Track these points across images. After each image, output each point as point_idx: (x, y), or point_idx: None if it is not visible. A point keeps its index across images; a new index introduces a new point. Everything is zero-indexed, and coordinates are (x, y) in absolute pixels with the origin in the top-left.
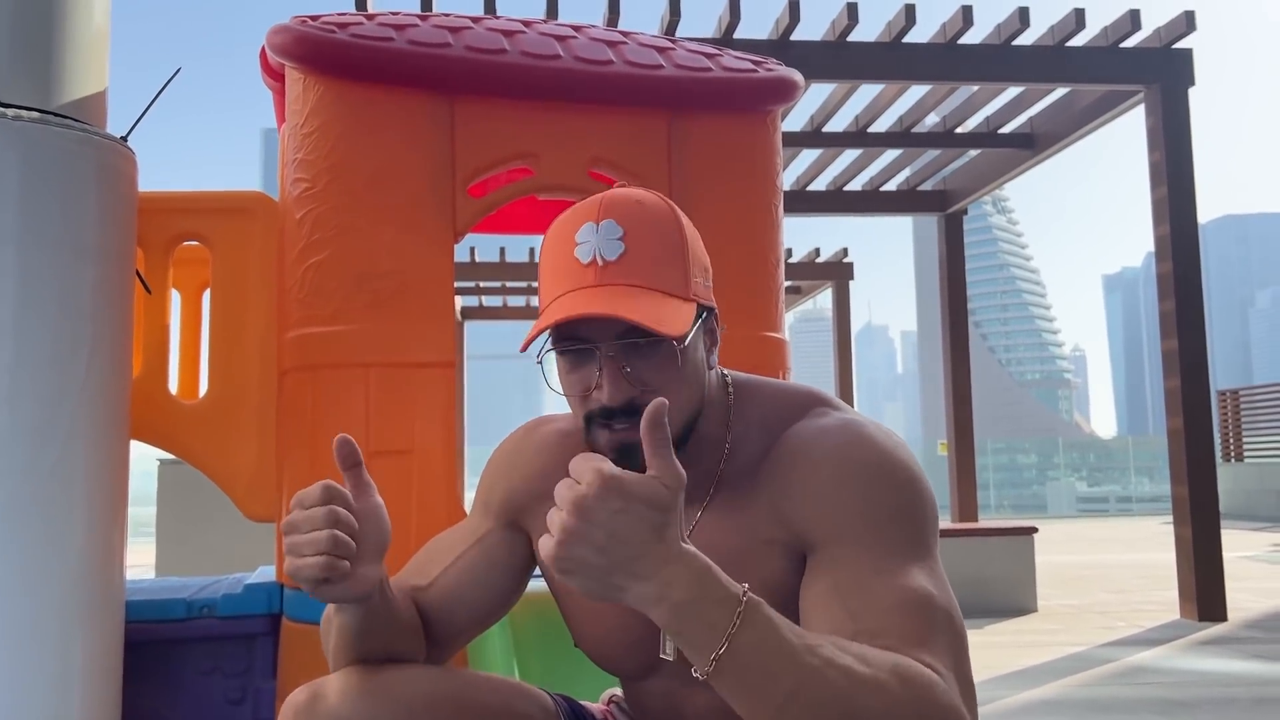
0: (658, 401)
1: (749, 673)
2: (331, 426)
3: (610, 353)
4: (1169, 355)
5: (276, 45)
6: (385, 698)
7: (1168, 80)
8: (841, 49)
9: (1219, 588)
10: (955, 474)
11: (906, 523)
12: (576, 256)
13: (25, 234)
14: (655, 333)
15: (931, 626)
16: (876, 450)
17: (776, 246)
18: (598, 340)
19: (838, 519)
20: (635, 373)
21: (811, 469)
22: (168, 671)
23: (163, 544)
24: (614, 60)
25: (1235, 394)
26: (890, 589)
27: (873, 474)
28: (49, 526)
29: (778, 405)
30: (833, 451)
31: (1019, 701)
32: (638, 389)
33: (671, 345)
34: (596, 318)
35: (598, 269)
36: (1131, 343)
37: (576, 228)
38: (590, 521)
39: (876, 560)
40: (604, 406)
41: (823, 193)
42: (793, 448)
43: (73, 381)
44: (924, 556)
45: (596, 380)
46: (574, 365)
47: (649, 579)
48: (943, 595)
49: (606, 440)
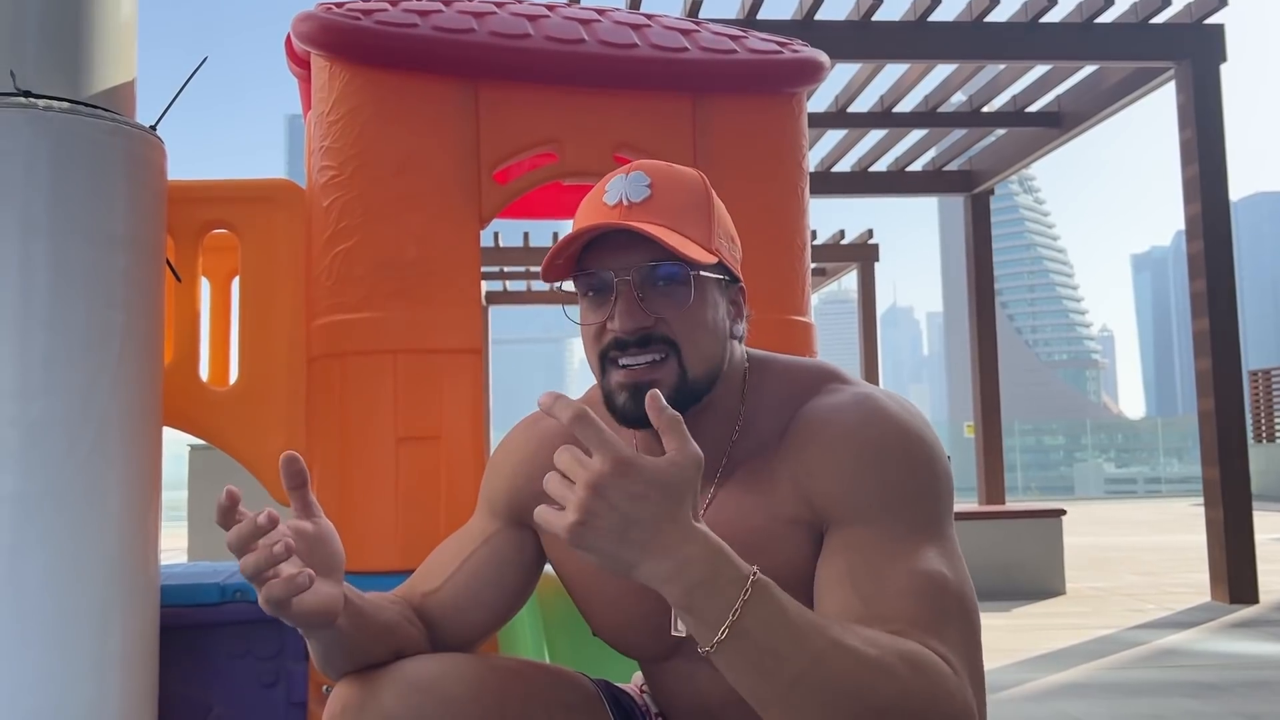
0: (652, 392)
1: (755, 652)
2: (359, 412)
3: (626, 278)
4: (1200, 335)
5: (302, 32)
6: (435, 694)
7: (1199, 56)
8: (866, 28)
9: (1250, 570)
10: (982, 456)
11: (924, 502)
12: (604, 200)
13: (56, 224)
14: (674, 253)
15: (944, 613)
16: (895, 426)
17: (802, 230)
18: (615, 271)
19: (856, 498)
20: (650, 303)
21: (830, 446)
22: (201, 656)
23: (194, 528)
24: (638, 44)
25: (1267, 374)
26: (904, 573)
27: (891, 452)
28: (85, 514)
29: (791, 381)
30: (852, 429)
31: (1047, 684)
32: (651, 319)
33: (688, 284)
34: (615, 236)
35: (623, 208)
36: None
37: (605, 183)
38: (608, 502)
39: (892, 542)
40: (616, 337)
41: (848, 174)
42: (811, 425)
43: (105, 370)
44: (939, 537)
45: (610, 311)
46: (593, 303)
47: (663, 558)
48: (956, 578)
49: (620, 379)
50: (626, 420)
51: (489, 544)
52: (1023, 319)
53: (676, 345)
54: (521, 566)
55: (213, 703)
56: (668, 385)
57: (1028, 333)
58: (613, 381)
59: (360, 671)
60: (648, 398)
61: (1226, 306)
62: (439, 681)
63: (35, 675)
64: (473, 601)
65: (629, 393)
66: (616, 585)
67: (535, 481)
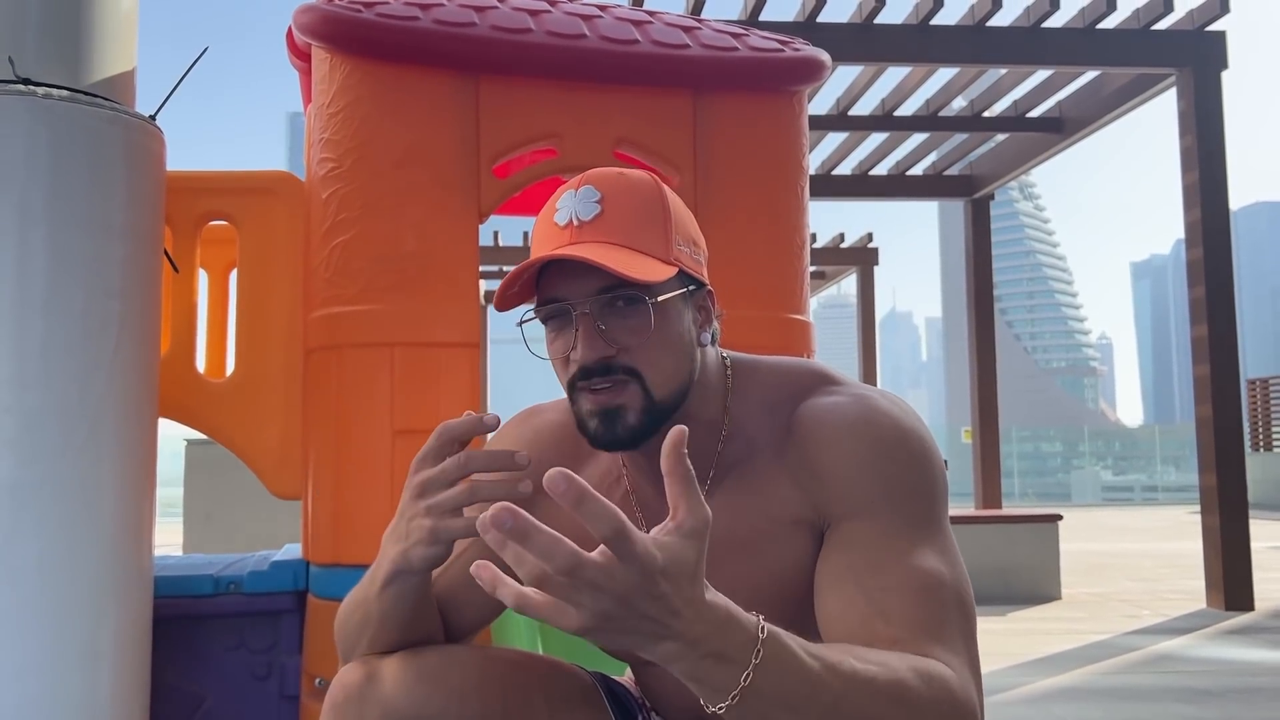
0: (678, 429)
1: (770, 708)
2: (356, 405)
3: (584, 309)
4: (1198, 342)
5: (303, 25)
6: (438, 684)
7: (1200, 63)
8: (868, 31)
9: (1246, 577)
10: (980, 461)
11: (923, 499)
12: (555, 220)
13: (54, 212)
14: (622, 277)
15: (944, 612)
16: (894, 425)
17: (802, 228)
18: (571, 299)
19: (856, 494)
20: (610, 331)
21: (830, 444)
22: (194, 647)
23: (189, 523)
24: (640, 40)
25: (1265, 383)
26: (905, 569)
27: (891, 449)
28: (79, 503)
29: (780, 384)
30: (852, 427)
31: (1043, 688)
32: (613, 348)
33: (647, 305)
34: (569, 266)
35: (573, 229)
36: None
37: (557, 200)
38: (630, 609)
39: (893, 538)
40: (581, 366)
41: (848, 177)
42: (810, 424)
43: (101, 360)
44: (938, 532)
45: (574, 341)
46: (555, 332)
47: (673, 641)
48: (954, 574)
49: (588, 406)
50: (599, 445)
51: (480, 541)
52: (1021, 325)
53: (638, 372)
54: None
55: (205, 694)
56: (634, 410)
57: (1026, 339)
58: (583, 408)
59: (363, 659)
60: (667, 443)
61: (1225, 313)
62: (441, 671)
63: (27, 663)
64: (470, 593)
65: (598, 419)
66: None
67: (530, 475)
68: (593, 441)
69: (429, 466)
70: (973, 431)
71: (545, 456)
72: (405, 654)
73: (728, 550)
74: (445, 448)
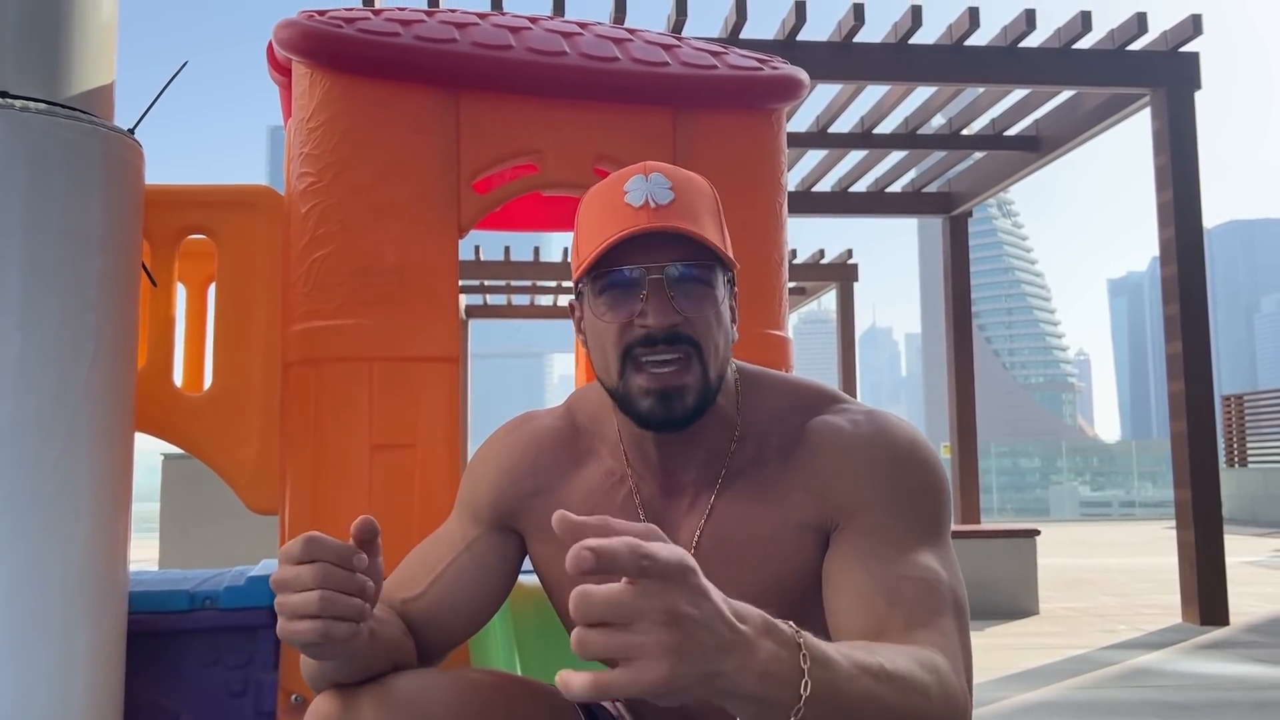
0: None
1: (831, 711)
2: (334, 420)
3: (657, 275)
4: (1173, 359)
5: (283, 40)
6: (414, 712)
7: (1174, 84)
8: (847, 50)
9: (1221, 592)
10: (958, 477)
11: (927, 505)
12: (628, 202)
13: (31, 225)
14: (716, 252)
15: (942, 605)
16: (905, 437)
17: (780, 245)
18: (645, 264)
19: (866, 497)
20: (680, 301)
21: (842, 452)
22: (169, 663)
23: (166, 538)
24: (619, 57)
25: (1240, 399)
26: (909, 563)
27: (900, 456)
28: (53, 518)
29: (790, 396)
30: (864, 437)
31: (1020, 703)
32: (680, 317)
33: (713, 286)
34: (641, 241)
35: (650, 210)
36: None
37: (623, 182)
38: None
39: (899, 537)
40: (648, 332)
41: (828, 194)
42: (823, 435)
43: (77, 373)
44: (940, 540)
45: (640, 308)
46: (617, 298)
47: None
48: (951, 576)
49: (646, 383)
50: (650, 424)
51: (471, 549)
52: (1000, 341)
53: (699, 345)
54: (503, 570)
55: (180, 710)
56: (693, 390)
57: (1005, 355)
58: (636, 385)
59: (337, 689)
60: (558, 520)
61: (1199, 330)
62: (420, 699)
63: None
64: (454, 607)
65: (656, 398)
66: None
67: (521, 483)
68: (643, 419)
69: (289, 563)
70: (951, 447)
71: (542, 461)
72: (381, 683)
73: (734, 551)
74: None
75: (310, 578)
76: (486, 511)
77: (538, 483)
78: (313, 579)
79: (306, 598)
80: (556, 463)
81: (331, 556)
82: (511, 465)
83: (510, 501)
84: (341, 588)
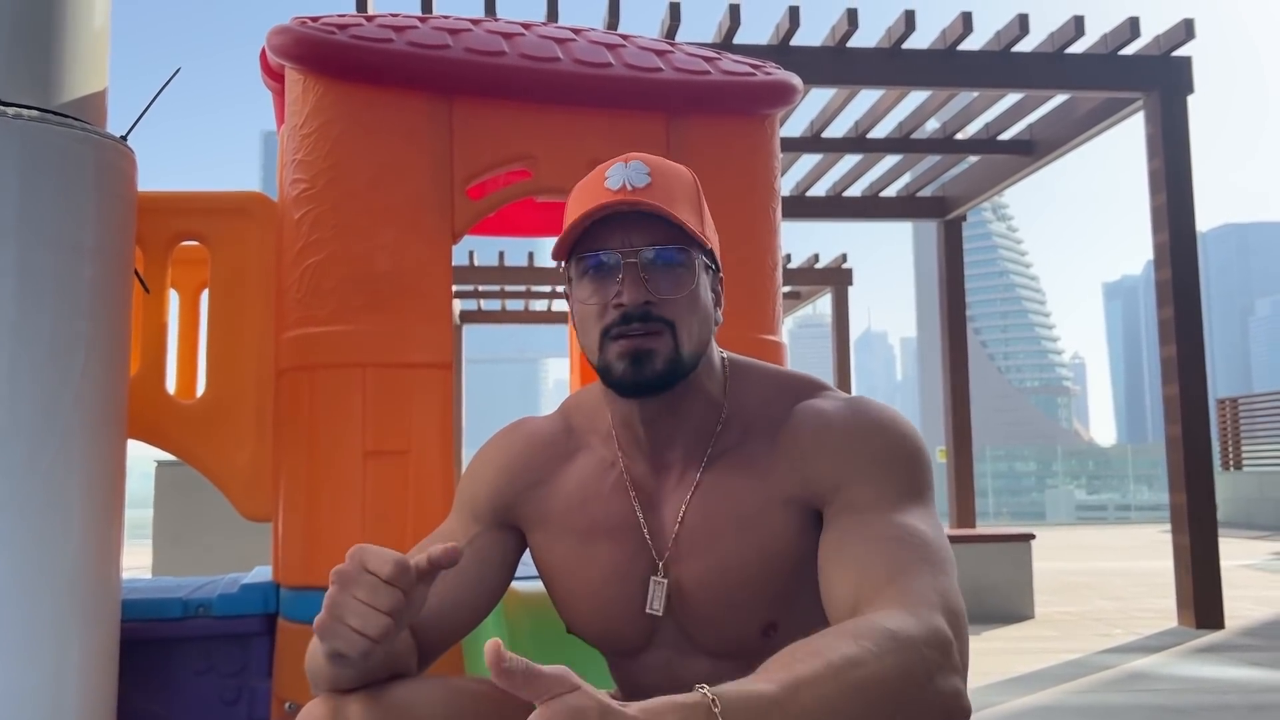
0: (493, 643)
1: None
2: (328, 426)
3: (631, 259)
4: (1168, 362)
5: (277, 46)
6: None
7: (1166, 87)
8: (841, 54)
9: (1216, 595)
10: (954, 481)
11: (911, 474)
12: (607, 187)
13: (24, 232)
14: (686, 230)
15: (917, 555)
16: (886, 414)
17: (774, 249)
18: (618, 249)
19: (848, 467)
20: (653, 282)
21: (825, 429)
22: (163, 671)
23: (160, 545)
24: (612, 63)
25: (1234, 402)
26: (890, 523)
27: (877, 428)
28: (45, 525)
29: (777, 385)
30: (845, 416)
31: (1016, 707)
32: (654, 296)
33: (690, 266)
34: (618, 219)
35: (627, 192)
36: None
37: (605, 170)
38: None
39: (882, 500)
40: (624, 311)
41: (822, 198)
42: (807, 416)
43: (70, 380)
44: (923, 500)
45: (617, 289)
46: (596, 282)
47: None
48: (934, 530)
49: (619, 349)
50: (625, 389)
51: (472, 546)
52: (995, 345)
53: (672, 324)
54: (502, 566)
55: (173, 718)
56: (662, 356)
57: (1000, 359)
58: (612, 353)
59: (328, 695)
60: (492, 655)
61: (1193, 333)
62: (408, 707)
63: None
64: (456, 602)
65: (629, 360)
66: (599, 571)
67: (517, 479)
68: (619, 385)
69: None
70: (947, 451)
71: (537, 458)
72: (372, 691)
73: (719, 528)
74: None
75: (386, 600)
76: (485, 509)
77: (534, 476)
78: (389, 603)
79: (376, 619)
80: (551, 458)
81: (409, 584)
82: (508, 463)
83: (508, 497)
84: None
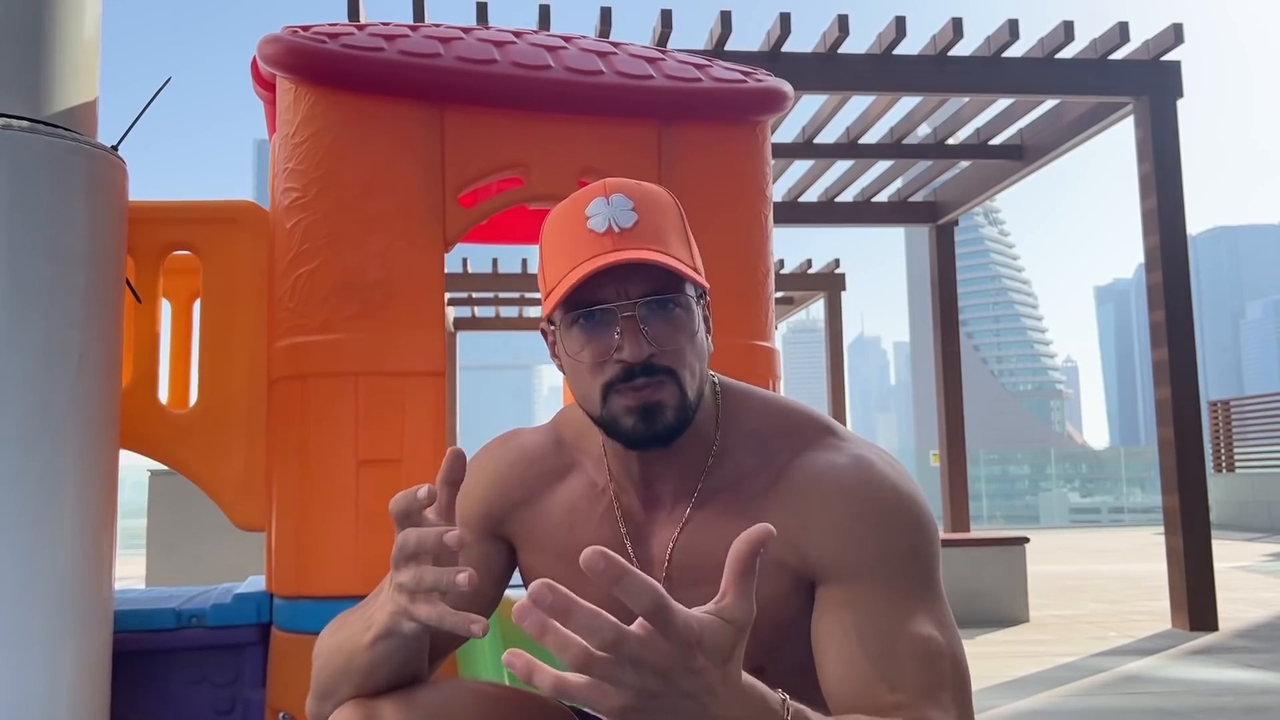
0: (763, 527)
1: None
2: (321, 435)
3: (628, 312)
4: (1159, 365)
5: (268, 55)
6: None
7: (1156, 92)
8: (832, 61)
9: (1210, 597)
10: (947, 484)
11: (920, 564)
12: (591, 228)
13: (14, 242)
14: (685, 277)
15: (941, 677)
16: (893, 490)
17: (766, 256)
18: (615, 303)
19: (856, 558)
20: (653, 332)
21: (828, 504)
22: (156, 681)
23: (153, 555)
24: (604, 71)
25: (1226, 404)
26: (906, 636)
27: (889, 514)
28: (37, 535)
29: (776, 422)
30: (850, 489)
31: (1011, 711)
32: (655, 348)
33: (685, 308)
34: (612, 270)
35: (614, 235)
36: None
37: (583, 205)
38: (671, 685)
39: (892, 604)
40: (626, 365)
41: (815, 204)
42: (807, 478)
43: (62, 390)
44: (933, 598)
45: (616, 342)
46: (591, 334)
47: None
48: (949, 639)
49: (627, 403)
50: (635, 444)
51: (464, 556)
52: (988, 349)
53: (675, 372)
54: (495, 576)
55: None
56: (672, 406)
57: (993, 363)
58: (618, 406)
59: (358, 702)
60: (751, 533)
61: (1185, 336)
62: (443, 712)
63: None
64: None
65: (638, 415)
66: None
67: (510, 493)
68: (629, 439)
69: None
70: (940, 455)
71: (529, 473)
72: (403, 695)
73: (708, 571)
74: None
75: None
76: (477, 521)
77: (524, 493)
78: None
79: (446, 573)
80: (542, 475)
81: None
82: (500, 477)
83: (499, 511)
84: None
